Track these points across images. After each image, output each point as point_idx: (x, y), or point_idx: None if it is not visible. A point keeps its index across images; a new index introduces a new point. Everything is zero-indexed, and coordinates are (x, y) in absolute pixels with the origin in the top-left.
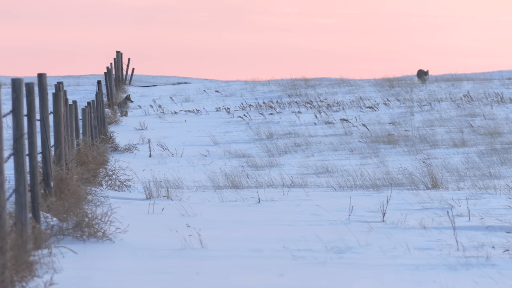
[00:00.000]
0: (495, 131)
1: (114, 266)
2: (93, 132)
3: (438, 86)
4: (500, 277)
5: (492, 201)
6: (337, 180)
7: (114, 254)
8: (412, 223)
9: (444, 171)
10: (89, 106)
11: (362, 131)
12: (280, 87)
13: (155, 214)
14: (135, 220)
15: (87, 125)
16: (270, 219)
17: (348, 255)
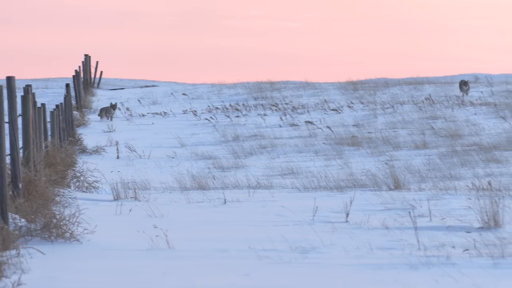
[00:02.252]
0: (455, 133)
1: (81, 266)
2: (61, 134)
3: (400, 89)
4: (460, 276)
5: (452, 201)
6: (301, 182)
7: (82, 254)
8: (375, 223)
9: (406, 173)
10: (57, 109)
11: (327, 133)
12: (246, 90)
13: (122, 215)
14: (103, 221)
15: (55, 127)
16: (236, 219)
17: (312, 255)
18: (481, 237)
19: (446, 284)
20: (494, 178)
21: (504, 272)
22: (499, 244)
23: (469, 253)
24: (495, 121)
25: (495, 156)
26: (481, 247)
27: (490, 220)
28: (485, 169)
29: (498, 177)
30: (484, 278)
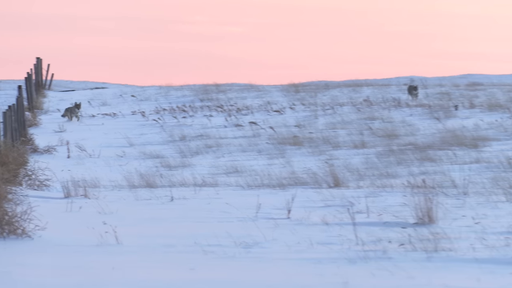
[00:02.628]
0: (392, 133)
1: (33, 261)
2: (13, 134)
3: (340, 91)
4: (396, 269)
5: (389, 198)
6: (245, 180)
7: (34, 250)
8: (315, 219)
9: (345, 171)
10: (10, 110)
11: (270, 133)
12: (192, 91)
13: (73, 212)
14: (54, 218)
15: (7, 127)
16: (182, 216)
17: (255, 250)
18: (416, 232)
19: (382, 277)
20: (428, 176)
21: (437, 265)
22: (433, 239)
23: (405, 247)
24: (429, 122)
25: (430, 155)
26: (416, 242)
27: (425, 216)
28: (420, 167)
29: (432, 175)
30: (418, 271)
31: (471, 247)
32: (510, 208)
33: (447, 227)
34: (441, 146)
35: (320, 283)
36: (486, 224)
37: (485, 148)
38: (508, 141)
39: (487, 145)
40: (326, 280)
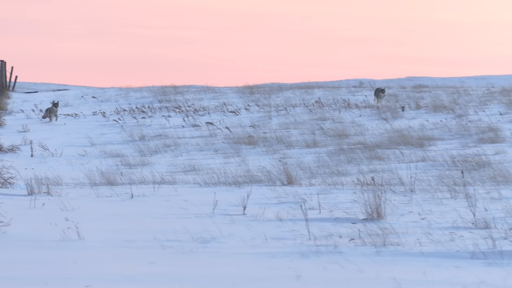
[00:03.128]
0: (342, 133)
1: None
2: None
3: (293, 93)
4: (346, 263)
5: (339, 195)
6: (203, 178)
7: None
8: (269, 215)
9: (298, 169)
10: None
11: (226, 133)
12: (151, 93)
13: (36, 209)
14: (18, 214)
15: None
16: (142, 212)
17: (212, 245)
18: (365, 227)
19: (333, 270)
20: (377, 174)
21: (385, 259)
22: (381, 234)
23: (355, 242)
24: (377, 122)
25: (378, 154)
26: (365, 237)
27: (373, 212)
28: (369, 165)
29: (380, 173)
30: (367, 265)
31: (417, 241)
32: (454, 204)
33: (395, 223)
34: (389, 145)
35: (274, 276)
36: (431, 219)
37: (431, 147)
38: (452, 141)
39: (432, 144)
40: (279, 274)
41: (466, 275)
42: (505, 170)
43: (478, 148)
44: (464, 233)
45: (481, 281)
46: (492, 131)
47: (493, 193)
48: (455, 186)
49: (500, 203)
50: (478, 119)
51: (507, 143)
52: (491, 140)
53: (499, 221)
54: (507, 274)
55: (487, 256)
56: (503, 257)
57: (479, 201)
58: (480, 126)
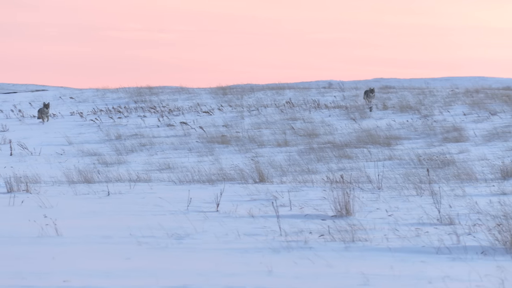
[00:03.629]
0: (312, 132)
1: None
2: None
3: (264, 94)
4: (316, 258)
5: (310, 193)
6: (177, 176)
7: None
8: (242, 212)
9: (269, 167)
10: None
11: (199, 133)
12: (127, 94)
13: (15, 206)
14: None
15: None
16: (118, 209)
17: (186, 241)
18: (334, 224)
19: (304, 265)
20: (346, 172)
21: (354, 254)
22: (350, 230)
23: (324, 238)
24: (346, 122)
25: (347, 153)
26: (335, 233)
27: (342, 209)
28: (338, 164)
29: (349, 171)
30: (337, 260)
31: (385, 237)
32: (420, 201)
33: (363, 219)
34: (357, 145)
35: (246, 271)
36: (398, 216)
37: (397, 146)
38: (417, 140)
39: (399, 143)
40: (252, 269)
41: (432, 270)
42: (468, 168)
43: (443, 147)
44: (430, 229)
45: (445, 276)
46: (456, 131)
47: (457, 191)
48: (421, 183)
49: (464, 200)
50: (443, 119)
51: (470, 142)
52: (455, 139)
53: (463, 217)
54: (470, 268)
55: (451, 251)
56: (467, 252)
57: (444, 198)
58: (445, 126)
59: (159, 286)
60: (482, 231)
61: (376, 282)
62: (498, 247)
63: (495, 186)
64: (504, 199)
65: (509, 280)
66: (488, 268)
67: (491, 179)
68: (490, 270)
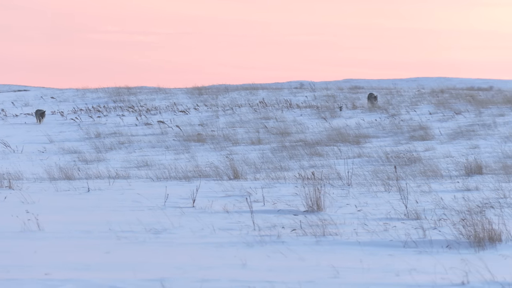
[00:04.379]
0: (285, 131)
1: None
2: None
3: (238, 94)
4: (289, 251)
5: (282, 189)
6: (155, 173)
7: None
8: (217, 208)
9: (243, 165)
10: None
11: (176, 131)
12: (106, 94)
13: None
14: None
15: None
16: (98, 205)
17: (164, 235)
18: (306, 219)
19: (276, 258)
20: (317, 169)
21: (325, 248)
22: (321, 225)
23: (296, 232)
24: (317, 121)
25: (318, 151)
26: (306, 227)
27: (314, 204)
28: (309, 161)
29: (320, 168)
30: (308, 253)
31: (354, 231)
32: (388, 197)
33: (333, 214)
34: (328, 143)
35: (221, 264)
36: (367, 211)
37: (366, 144)
38: (385, 138)
39: (367, 141)
40: (226, 262)
41: (399, 263)
42: (434, 165)
43: (409, 145)
44: (397, 224)
45: (412, 268)
46: (422, 129)
47: (423, 187)
48: (389, 180)
49: (429, 195)
50: (409, 118)
51: (436, 140)
52: (422, 137)
53: (429, 212)
54: (436, 261)
55: (418, 245)
56: (432, 246)
57: (410, 194)
58: (412, 125)
59: (137, 279)
60: (447, 226)
61: (346, 274)
62: (463, 241)
63: (460, 183)
64: (468, 195)
65: (473, 273)
66: (452, 261)
67: (455, 175)
68: (454, 263)
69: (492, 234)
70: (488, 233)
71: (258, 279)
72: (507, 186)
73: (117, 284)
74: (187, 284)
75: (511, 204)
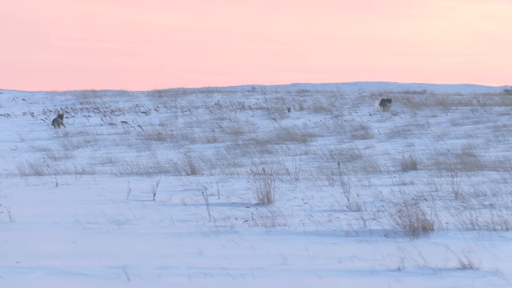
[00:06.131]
0: (238, 130)
1: None
2: None
3: (195, 97)
4: (241, 241)
5: (235, 184)
6: (118, 169)
7: None
8: (176, 201)
9: (200, 161)
10: None
11: (138, 131)
12: (74, 96)
13: None
14: None
15: None
16: (65, 199)
17: (126, 226)
18: (257, 211)
19: (230, 247)
20: (267, 165)
21: (274, 237)
22: (271, 216)
23: (248, 223)
24: (267, 122)
25: (268, 148)
26: (257, 219)
27: (264, 198)
28: (260, 158)
29: (270, 164)
30: (259, 242)
31: (301, 222)
32: (332, 191)
33: (282, 207)
34: (277, 141)
35: (180, 253)
36: (313, 204)
37: (312, 142)
38: (330, 137)
39: (313, 140)
40: (184, 251)
41: (342, 251)
42: (373, 161)
43: (351, 143)
44: (340, 215)
45: (353, 255)
46: (363, 129)
47: (364, 181)
48: (333, 175)
49: (369, 189)
50: (351, 119)
51: (375, 139)
52: (362, 136)
53: (369, 204)
54: (375, 249)
55: (359, 234)
56: (372, 235)
57: (352, 188)
58: (353, 125)
59: (102, 266)
60: (385, 217)
61: (294, 261)
62: (399, 230)
63: (396, 177)
64: (404, 189)
65: (408, 259)
66: (390, 248)
67: (393, 171)
68: (391, 250)
69: (425, 224)
70: (421, 223)
71: (214, 266)
72: (439, 181)
73: (83, 271)
74: (147, 271)
75: (442, 196)
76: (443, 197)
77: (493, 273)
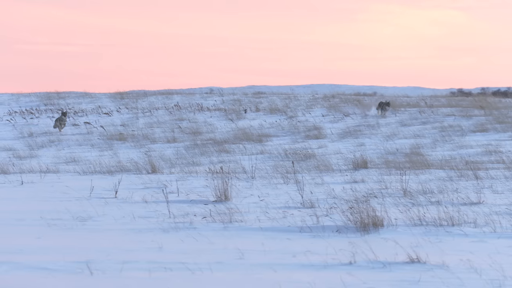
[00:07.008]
0: (197, 131)
1: None
2: None
3: (156, 98)
4: (200, 236)
5: (194, 182)
6: (81, 167)
7: None
8: (137, 198)
9: (160, 160)
10: None
11: (100, 131)
12: (38, 98)
13: None
14: None
15: None
16: (30, 196)
17: (89, 223)
18: (215, 207)
19: (189, 242)
20: (225, 164)
21: (231, 233)
22: (228, 213)
23: (206, 219)
24: (225, 122)
25: (225, 148)
26: (215, 215)
27: (222, 195)
28: (218, 157)
29: (227, 163)
30: (217, 238)
31: (257, 219)
32: (286, 188)
33: (239, 204)
34: (234, 141)
35: (141, 248)
36: (268, 201)
37: (268, 142)
38: (284, 137)
39: (269, 140)
40: (145, 246)
41: (296, 245)
42: (326, 160)
43: (305, 143)
44: (294, 212)
45: (307, 250)
46: (316, 129)
47: (317, 179)
48: (287, 173)
49: (322, 187)
50: (305, 120)
51: (328, 139)
52: (316, 136)
53: (322, 201)
54: (327, 244)
55: (312, 230)
56: (324, 231)
57: (306, 186)
58: (307, 125)
59: (66, 261)
60: (337, 213)
61: (250, 256)
62: (350, 226)
63: (348, 176)
64: (355, 186)
65: (359, 254)
66: (342, 243)
67: (344, 169)
68: (343, 245)
69: (376, 220)
70: (372, 219)
71: (173, 260)
72: (388, 179)
73: (48, 266)
74: (110, 265)
75: (391, 194)
76: (392, 194)
77: (439, 267)
